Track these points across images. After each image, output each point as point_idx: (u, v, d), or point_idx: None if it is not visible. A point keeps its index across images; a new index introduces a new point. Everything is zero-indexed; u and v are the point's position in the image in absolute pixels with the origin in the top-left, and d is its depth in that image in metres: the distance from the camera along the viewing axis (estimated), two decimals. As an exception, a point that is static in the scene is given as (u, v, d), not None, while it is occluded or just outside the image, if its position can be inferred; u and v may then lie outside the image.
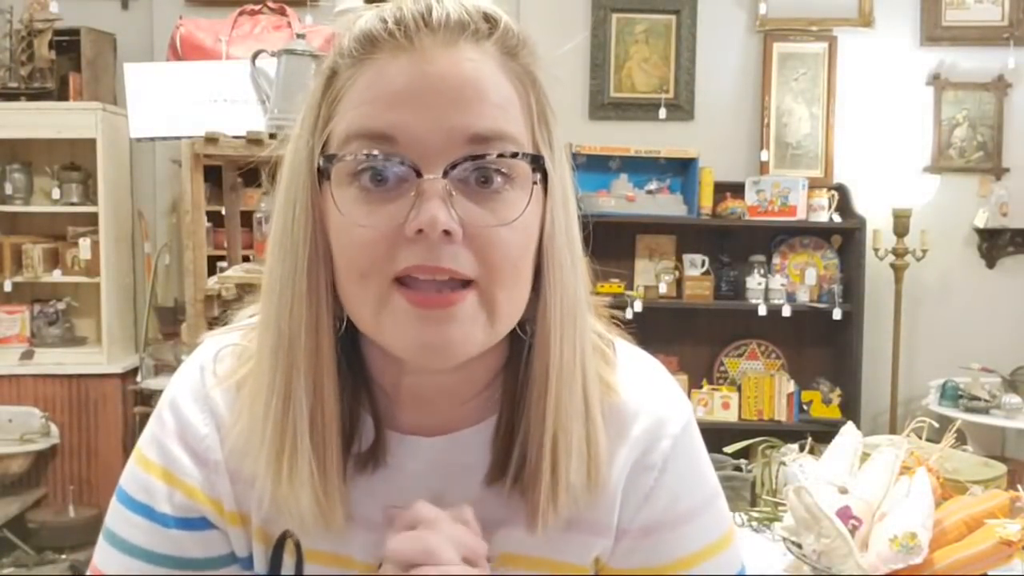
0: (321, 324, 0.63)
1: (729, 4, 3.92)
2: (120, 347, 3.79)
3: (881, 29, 3.88)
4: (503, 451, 0.67)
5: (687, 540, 0.70)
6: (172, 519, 0.69)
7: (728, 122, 3.94)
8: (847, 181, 3.82)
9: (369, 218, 0.60)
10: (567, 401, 0.65)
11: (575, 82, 3.91)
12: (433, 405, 0.69)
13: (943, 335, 3.91)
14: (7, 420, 3.50)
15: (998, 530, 1.17)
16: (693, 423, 0.73)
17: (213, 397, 0.70)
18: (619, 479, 0.69)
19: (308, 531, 0.66)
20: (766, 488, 1.64)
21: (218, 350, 0.73)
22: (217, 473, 0.70)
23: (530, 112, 0.64)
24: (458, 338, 0.60)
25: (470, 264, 0.60)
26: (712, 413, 3.70)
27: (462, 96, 0.59)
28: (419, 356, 0.61)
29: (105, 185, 3.63)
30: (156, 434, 0.72)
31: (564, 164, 0.67)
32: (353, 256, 0.61)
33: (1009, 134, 3.89)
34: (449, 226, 0.58)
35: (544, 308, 0.64)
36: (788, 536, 1.31)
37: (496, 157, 0.60)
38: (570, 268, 0.65)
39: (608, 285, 3.61)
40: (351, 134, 0.60)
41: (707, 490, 0.72)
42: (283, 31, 2.67)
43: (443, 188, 0.59)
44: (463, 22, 0.61)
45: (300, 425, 0.63)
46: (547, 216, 0.64)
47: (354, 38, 0.62)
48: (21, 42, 3.62)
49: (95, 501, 3.59)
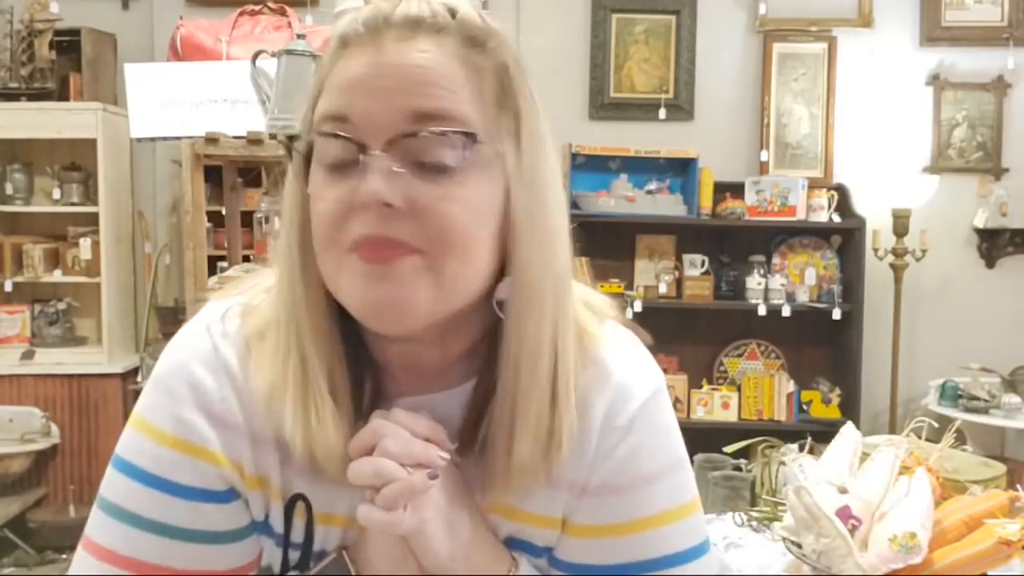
0: (319, 293, 0.69)
1: (729, 4, 3.92)
2: (120, 347, 3.80)
3: (881, 29, 3.88)
4: (476, 415, 0.71)
5: (644, 503, 0.73)
6: (196, 491, 0.69)
7: (728, 122, 3.94)
8: (847, 181, 3.83)
9: (328, 192, 0.65)
10: (527, 382, 0.68)
11: (575, 82, 3.91)
12: (417, 373, 0.73)
13: (943, 335, 3.91)
14: (8, 420, 3.50)
15: (997, 530, 1.17)
16: (664, 393, 0.76)
17: (225, 356, 0.71)
18: (591, 439, 0.72)
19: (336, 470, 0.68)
20: (766, 488, 1.64)
21: (224, 310, 0.74)
22: (238, 435, 0.70)
23: (482, 97, 0.66)
24: (404, 296, 0.64)
25: (415, 235, 0.63)
26: (712, 413, 3.70)
27: (407, 80, 0.64)
28: (370, 316, 0.65)
29: (105, 185, 3.63)
30: (165, 404, 0.71)
31: (540, 155, 0.69)
32: (316, 228, 0.66)
33: (1008, 134, 3.90)
34: (389, 197, 0.62)
35: (512, 288, 0.68)
36: (788, 536, 1.32)
37: (427, 133, 0.63)
38: (537, 253, 0.68)
39: (608, 285, 3.62)
40: (320, 117, 0.67)
41: (670, 458, 0.75)
42: (283, 31, 2.67)
43: (385, 163, 0.63)
44: (421, 16, 0.66)
45: (319, 382, 0.68)
46: (510, 200, 0.67)
47: (335, 38, 0.68)
48: (22, 42, 3.62)
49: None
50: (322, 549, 0.74)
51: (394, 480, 0.65)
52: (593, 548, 0.73)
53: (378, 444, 0.67)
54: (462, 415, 0.72)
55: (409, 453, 0.67)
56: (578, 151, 3.62)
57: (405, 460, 0.66)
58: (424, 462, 0.67)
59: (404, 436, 0.67)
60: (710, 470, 1.72)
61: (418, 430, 0.68)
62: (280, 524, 0.73)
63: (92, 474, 3.64)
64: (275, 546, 0.74)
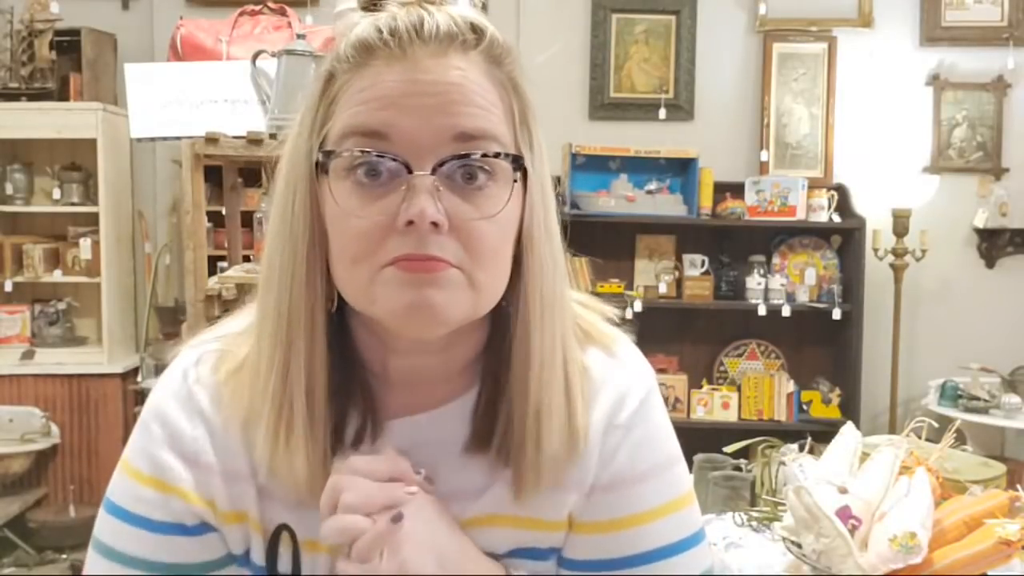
0: (317, 306, 0.69)
1: (729, 4, 3.92)
2: (121, 347, 3.79)
3: (881, 29, 3.88)
4: (484, 423, 0.73)
5: (646, 497, 0.75)
6: (170, 526, 0.72)
7: (728, 122, 3.94)
8: (847, 181, 3.83)
9: (364, 209, 0.65)
10: (549, 378, 0.70)
11: (575, 82, 3.91)
12: (419, 386, 0.74)
13: (943, 335, 3.91)
14: (8, 420, 3.50)
15: (997, 530, 1.17)
16: (656, 392, 0.79)
17: (198, 398, 0.74)
18: (594, 439, 0.74)
19: (302, 497, 0.70)
20: (766, 488, 1.64)
21: (199, 356, 0.76)
22: (210, 474, 0.73)
23: (512, 115, 0.69)
24: (442, 301, 0.65)
25: (454, 252, 0.65)
26: (712, 413, 3.70)
27: (449, 99, 0.65)
28: (406, 319, 0.66)
29: (105, 185, 3.63)
30: (143, 445, 0.74)
31: (543, 162, 0.72)
32: (347, 243, 0.66)
33: (1008, 134, 3.89)
34: (436, 218, 0.63)
35: (525, 292, 0.70)
36: (788, 536, 1.32)
37: (480, 156, 0.65)
38: (548, 256, 0.71)
39: (608, 285, 3.62)
40: (347, 131, 0.66)
41: (667, 453, 0.78)
42: (283, 31, 2.67)
43: (431, 183, 0.64)
44: (452, 33, 0.66)
45: (297, 399, 0.69)
46: (527, 210, 0.70)
47: (351, 45, 0.67)
48: (22, 42, 3.62)
49: (95, 501, 3.55)
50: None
51: (360, 533, 0.65)
52: (599, 544, 0.75)
53: (339, 502, 0.67)
54: (469, 424, 0.74)
55: (369, 502, 0.66)
56: (578, 151, 3.62)
57: (368, 509, 0.66)
58: (388, 504, 0.67)
59: (361, 485, 0.67)
60: (710, 470, 1.71)
61: (379, 472, 0.68)
62: (261, 557, 0.74)
63: (92, 474, 3.64)
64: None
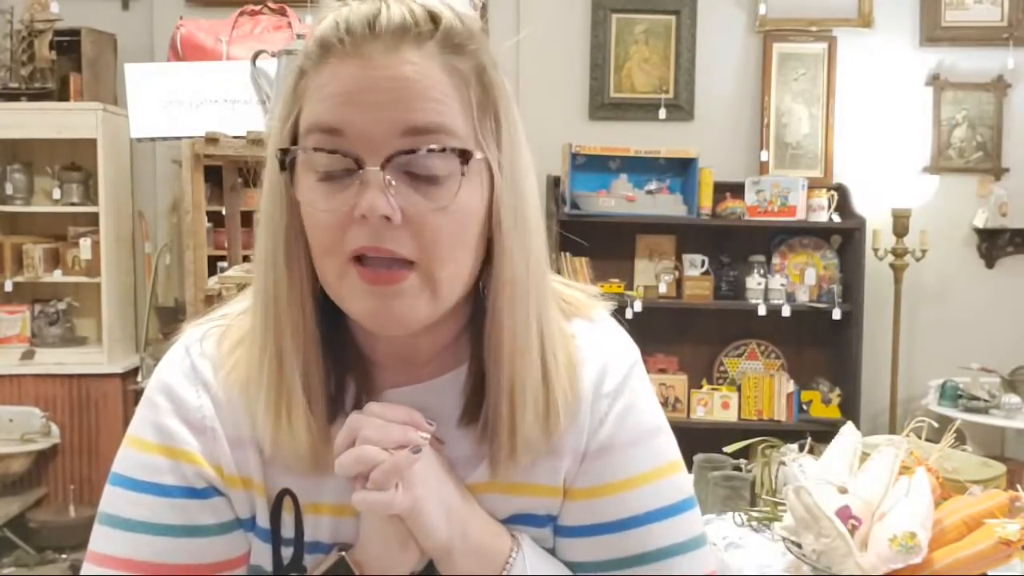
0: (303, 292, 0.72)
1: (729, 4, 3.92)
2: (121, 347, 3.80)
3: (881, 29, 3.88)
4: (473, 397, 0.75)
5: (634, 461, 0.78)
6: (179, 489, 0.74)
7: (728, 122, 3.94)
8: (846, 181, 3.83)
9: (327, 203, 0.68)
10: (521, 363, 0.72)
11: (575, 82, 3.91)
12: (407, 362, 0.77)
13: (943, 335, 3.91)
14: (8, 420, 3.51)
15: (997, 530, 1.17)
16: (640, 364, 0.83)
17: (201, 370, 0.76)
18: (584, 408, 0.77)
19: (304, 468, 0.73)
20: (766, 488, 1.64)
21: (202, 333, 0.79)
22: (215, 440, 0.75)
23: (470, 106, 0.69)
24: (402, 311, 0.68)
25: (409, 246, 0.67)
26: (712, 413, 3.70)
27: (401, 94, 0.66)
28: (373, 325, 0.70)
29: (105, 185, 3.63)
30: (149, 417, 0.76)
31: (518, 149, 0.73)
32: (316, 236, 0.69)
33: (1008, 134, 3.90)
34: (387, 211, 0.65)
35: (496, 280, 0.71)
36: (788, 536, 1.32)
37: (426, 151, 0.66)
38: (519, 243, 0.72)
39: (608, 285, 3.62)
40: (309, 127, 0.68)
41: (653, 420, 0.80)
42: (283, 31, 2.67)
43: (383, 178, 0.66)
44: (406, 26, 0.67)
45: (293, 378, 0.71)
46: (494, 200, 0.71)
47: (314, 42, 0.69)
48: (22, 42, 3.62)
49: (96, 501, 3.52)
50: (315, 540, 0.76)
51: (378, 462, 0.68)
52: (590, 508, 0.77)
53: (357, 436, 0.70)
54: (461, 398, 0.76)
55: (388, 437, 0.70)
56: (578, 151, 3.62)
57: (385, 444, 0.69)
58: (404, 442, 0.70)
59: (380, 423, 0.70)
60: (710, 470, 1.71)
61: (393, 417, 0.71)
62: (267, 521, 0.76)
63: (92, 474, 3.64)
64: (262, 542, 0.76)
